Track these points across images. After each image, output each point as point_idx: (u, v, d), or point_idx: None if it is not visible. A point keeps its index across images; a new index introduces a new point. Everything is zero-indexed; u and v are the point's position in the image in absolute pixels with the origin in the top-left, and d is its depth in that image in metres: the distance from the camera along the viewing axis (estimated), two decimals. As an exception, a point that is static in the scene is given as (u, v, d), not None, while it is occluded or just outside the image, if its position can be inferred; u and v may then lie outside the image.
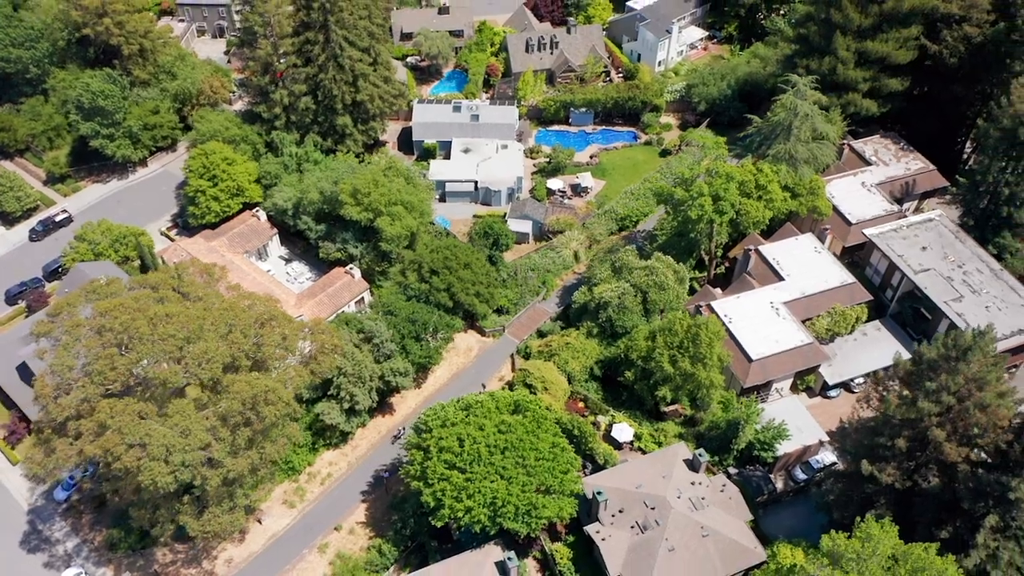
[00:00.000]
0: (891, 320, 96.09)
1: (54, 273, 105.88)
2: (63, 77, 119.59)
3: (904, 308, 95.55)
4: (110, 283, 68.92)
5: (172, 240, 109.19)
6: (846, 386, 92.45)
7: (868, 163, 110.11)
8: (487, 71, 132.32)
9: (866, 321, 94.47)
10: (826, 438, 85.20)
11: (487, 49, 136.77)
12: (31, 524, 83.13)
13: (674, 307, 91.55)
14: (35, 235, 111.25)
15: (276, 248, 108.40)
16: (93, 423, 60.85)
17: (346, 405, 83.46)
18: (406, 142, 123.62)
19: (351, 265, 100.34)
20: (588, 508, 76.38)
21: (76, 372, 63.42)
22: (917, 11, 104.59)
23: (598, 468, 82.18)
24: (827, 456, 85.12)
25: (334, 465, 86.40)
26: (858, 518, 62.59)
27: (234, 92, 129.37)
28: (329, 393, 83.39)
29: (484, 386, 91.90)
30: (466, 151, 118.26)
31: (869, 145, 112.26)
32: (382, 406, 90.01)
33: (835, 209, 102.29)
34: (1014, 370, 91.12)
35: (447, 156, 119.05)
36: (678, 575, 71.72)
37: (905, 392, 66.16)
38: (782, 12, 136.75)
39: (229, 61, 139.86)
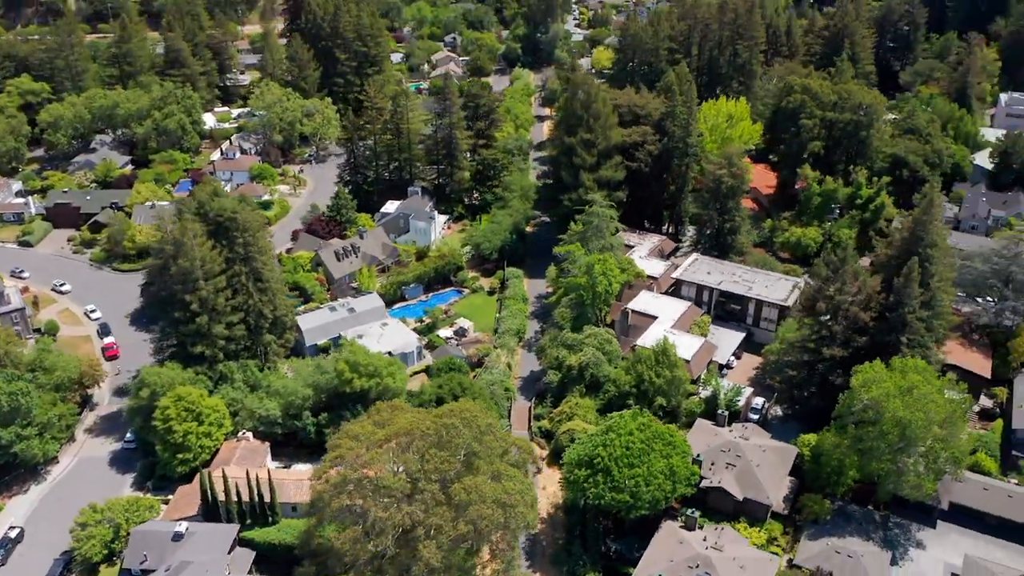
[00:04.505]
0: (717, 320, 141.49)
1: (67, 567, 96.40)
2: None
3: (720, 310, 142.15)
4: (380, 409, 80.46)
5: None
6: (728, 365, 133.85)
7: (631, 247, 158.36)
8: (319, 282, 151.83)
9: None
10: (751, 388, 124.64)
11: (299, 271, 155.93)
12: None
13: (616, 353, 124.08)
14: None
15: (270, 462, 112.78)
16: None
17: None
18: (294, 351, 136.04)
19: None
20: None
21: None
22: (615, 145, 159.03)
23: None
24: (758, 400, 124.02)
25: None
26: (857, 365, 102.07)
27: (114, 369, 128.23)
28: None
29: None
30: (360, 337, 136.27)
31: (624, 236, 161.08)
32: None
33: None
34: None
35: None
36: (769, 477, 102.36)
37: (819, 303, 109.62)
38: (496, 186, 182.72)
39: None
